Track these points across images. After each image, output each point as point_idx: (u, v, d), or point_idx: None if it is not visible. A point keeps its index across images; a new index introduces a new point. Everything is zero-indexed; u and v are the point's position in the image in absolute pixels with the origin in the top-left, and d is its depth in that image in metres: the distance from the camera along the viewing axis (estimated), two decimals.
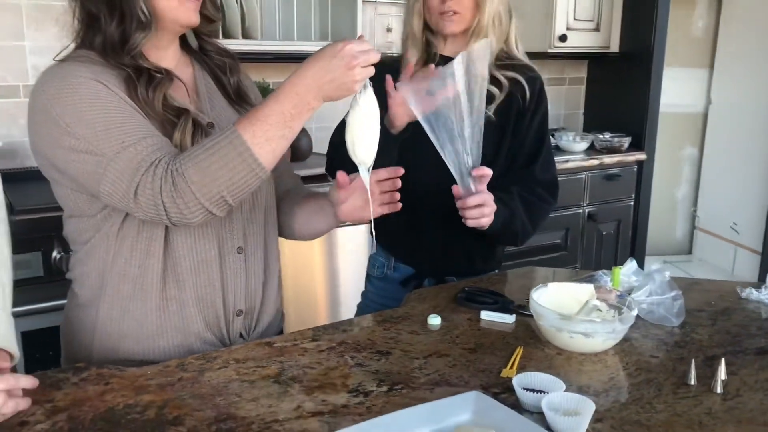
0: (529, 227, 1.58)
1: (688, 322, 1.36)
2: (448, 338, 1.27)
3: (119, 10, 1.16)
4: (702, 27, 4.33)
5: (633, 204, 3.68)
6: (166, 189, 1.08)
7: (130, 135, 1.11)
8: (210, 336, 1.27)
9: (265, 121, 1.09)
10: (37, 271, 2.11)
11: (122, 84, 1.16)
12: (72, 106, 1.11)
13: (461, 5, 1.55)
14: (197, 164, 1.08)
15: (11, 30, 2.54)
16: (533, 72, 1.63)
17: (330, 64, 1.07)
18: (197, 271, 1.24)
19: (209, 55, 1.36)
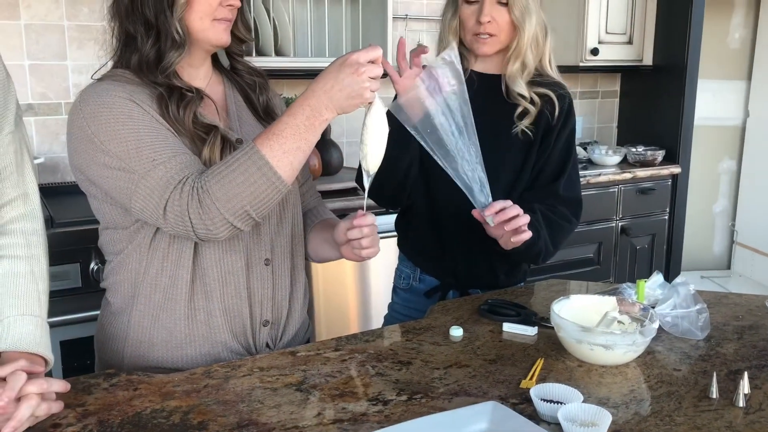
0: (551, 247, 1.57)
1: (714, 336, 1.35)
2: (469, 349, 1.28)
3: (155, 30, 1.22)
4: (738, 38, 4.28)
5: (668, 218, 3.63)
6: (192, 206, 1.13)
7: (160, 153, 1.16)
8: (236, 345, 1.31)
9: (281, 135, 1.13)
10: (75, 282, 2.17)
11: (154, 102, 1.22)
12: (106, 124, 1.17)
13: (497, 28, 1.54)
14: (220, 181, 1.13)
15: (55, 50, 2.65)
16: (563, 89, 1.63)
17: (339, 74, 1.11)
18: (224, 282, 1.28)
19: (240, 73, 1.40)
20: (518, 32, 1.55)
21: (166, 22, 1.21)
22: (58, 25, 2.64)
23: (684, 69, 3.48)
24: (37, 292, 1.13)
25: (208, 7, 1.23)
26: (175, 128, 1.22)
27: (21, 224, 1.15)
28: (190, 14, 1.23)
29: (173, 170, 1.15)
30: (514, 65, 1.57)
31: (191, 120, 1.23)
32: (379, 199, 1.67)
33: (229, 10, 1.26)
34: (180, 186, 1.14)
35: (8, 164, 1.15)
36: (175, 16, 1.21)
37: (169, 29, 1.21)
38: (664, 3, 3.59)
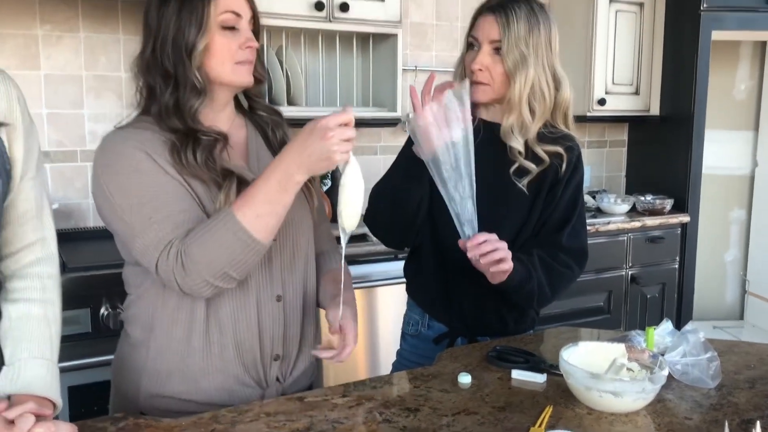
0: (548, 291, 1.55)
1: (725, 385, 1.33)
2: (477, 396, 1.27)
3: (173, 80, 1.27)
4: (744, 90, 4.32)
5: (678, 267, 3.62)
6: (177, 269, 1.20)
7: (158, 211, 1.22)
8: (248, 379, 1.33)
9: (255, 199, 1.19)
10: (85, 327, 2.18)
11: (167, 151, 1.26)
12: (115, 176, 1.24)
13: (488, 77, 1.54)
14: (200, 246, 1.19)
15: (72, 98, 2.71)
16: (572, 141, 1.61)
17: (308, 138, 1.16)
18: (236, 318, 1.31)
19: (258, 113, 1.45)
20: (511, 84, 1.53)
21: (185, 71, 1.26)
22: (76, 75, 2.71)
23: (691, 119, 3.52)
24: (50, 336, 1.15)
25: (228, 52, 1.28)
26: (188, 174, 1.26)
27: (38, 268, 1.18)
28: (210, 61, 1.28)
29: (164, 231, 1.21)
30: (508, 119, 1.55)
31: (205, 164, 1.27)
32: (388, 240, 1.69)
33: (250, 52, 1.31)
34: (167, 249, 1.21)
35: (29, 209, 1.18)
36: (193, 65, 1.25)
37: (188, 77, 1.26)
38: (670, 54, 3.65)
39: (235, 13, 1.28)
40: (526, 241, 1.60)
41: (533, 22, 1.54)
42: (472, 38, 1.58)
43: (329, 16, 2.83)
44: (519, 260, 1.48)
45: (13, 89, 1.15)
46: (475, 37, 1.57)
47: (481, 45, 1.54)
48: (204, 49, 1.26)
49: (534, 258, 1.53)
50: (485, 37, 1.54)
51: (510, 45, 1.51)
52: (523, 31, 1.52)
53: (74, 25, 2.68)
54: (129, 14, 2.76)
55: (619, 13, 3.56)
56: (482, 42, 1.54)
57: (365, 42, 3.12)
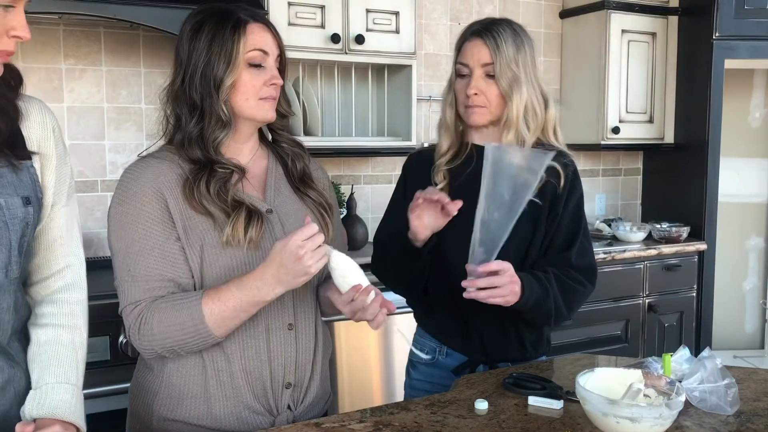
0: (564, 310, 1.56)
1: (744, 412, 1.32)
2: (494, 423, 1.27)
3: (200, 111, 1.32)
4: (759, 117, 4.32)
5: (695, 295, 3.59)
6: (133, 330, 1.28)
7: (137, 268, 1.28)
8: (258, 406, 1.34)
9: (225, 303, 1.24)
10: (104, 355, 2.20)
11: (180, 185, 1.31)
12: (119, 215, 1.31)
13: (485, 100, 1.58)
14: (161, 319, 1.26)
15: (94, 130, 2.78)
16: (566, 158, 1.64)
17: (282, 260, 1.22)
18: (244, 346, 1.33)
19: (281, 145, 1.48)
20: (507, 104, 1.58)
21: (212, 104, 1.30)
22: (98, 107, 2.78)
23: (705, 147, 3.52)
24: (76, 361, 1.18)
25: (252, 89, 1.32)
26: (198, 207, 1.30)
27: (67, 294, 1.21)
28: (236, 96, 1.32)
29: (135, 290, 1.28)
30: (507, 137, 1.59)
31: (217, 195, 1.30)
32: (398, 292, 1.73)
33: (274, 89, 1.35)
34: (131, 306, 1.28)
35: (59, 236, 1.21)
36: (221, 98, 1.29)
37: (214, 110, 1.30)
38: (683, 83, 3.67)
39: (263, 51, 1.32)
40: (536, 261, 1.61)
41: (519, 42, 1.58)
42: (461, 65, 1.61)
43: (345, 48, 2.89)
44: (536, 278, 1.49)
45: (49, 119, 1.19)
46: (464, 64, 1.60)
47: (473, 70, 1.58)
48: (231, 84, 1.30)
49: (550, 275, 1.54)
50: (476, 62, 1.58)
51: (502, 67, 1.56)
52: (511, 51, 1.57)
53: (97, 59, 2.76)
54: (149, 48, 2.83)
55: (631, 43, 3.59)
56: (473, 67, 1.58)
57: (380, 73, 3.17)
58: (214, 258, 1.30)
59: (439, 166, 1.66)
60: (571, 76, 3.82)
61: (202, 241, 1.30)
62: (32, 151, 1.16)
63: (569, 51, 3.84)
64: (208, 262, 1.30)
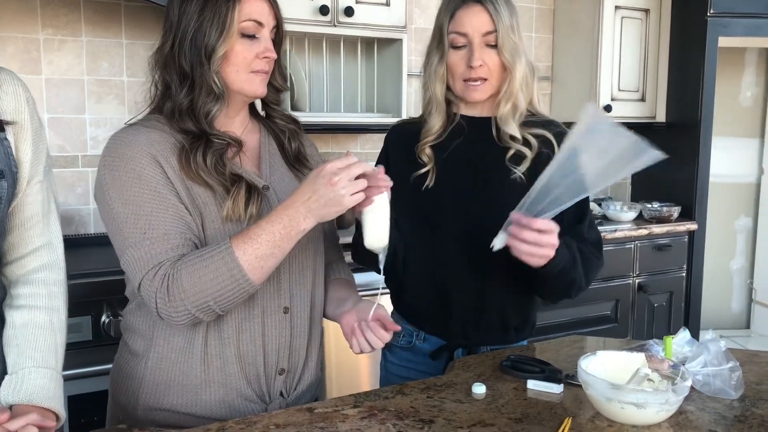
0: (584, 280, 1.49)
1: (748, 396, 1.29)
2: (493, 407, 1.23)
3: (190, 80, 1.24)
4: (750, 97, 4.30)
5: (685, 275, 3.57)
6: (161, 293, 1.16)
7: (153, 228, 1.18)
8: (250, 393, 1.28)
9: (257, 240, 1.15)
10: (86, 335, 2.14)
11: (175, 154, 1.22)
12: (118, 180, 1.20)
13: (488, 71, 1.49)
14: (191, 273, 1.15)
15: (74, 103, 2.68)
16: (559, 127, 1.57)
17: (315, 184, 1.14)
18: (240, 329, 1.26)
19: (274, 121, 1.41)
20: (509, 74, 1.49)
21: (203, 74, 1.23)
22: (78, 79, 2.68)
23: (698, 126, 3.48)
24: (55, 344, 1.11)
25: (244, 60, 1.25)
26: (196, 179, 1.22)
27: (44, 274, 1.15)
28: (226, 67, 1.25)
29: (157, 249, 1.17)
30: (505, 107, 1.51)
31: (215, 168, 1.23)
32: None
33: (266, 62, 1.28)
34: (154, 270, 1.16)
35: (35, 213, 1.14)
36: (212, 69, 1.22)
37: (205, 81, 1.23)
38: (676, 61, 3.62)
39: (258, 22, 1.25)
40: None
41: (511, 7, 1.50)
42: (456, 35, 1.49)
43: (334, 21, 2.80)
44: (566, 246, 1.41)
45: (22, 90, 1.12)
46: (462, 33, 1.48)
47: (472, 39, 1.47)
48: (223, 54, 1.23)
49: (573, 245, 1.46)
50: (476, 31, 1.47)
51: (505, 35, 1.47)
52: (508, 18, 1.48)
53: (76, 29, 2.65)
54: (131, 18, 2.73)
55: (624, 19, 3.53)
56: (473, 36, 1.47)
57: (369, 47, 3.09)
58: (215, 232, 1.23)
59: (425, 144, 1.56)
60: (563, 53, 3.77)
61: (202, 212, 1.22)
62: (5, 120, 1.09)
63: (561, 27, 3.78)
64: (209, 235, 1.22)
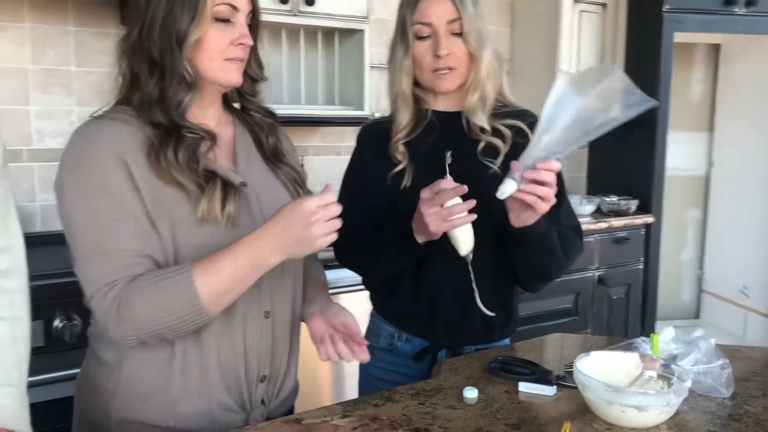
0: (563, 259, 1.45)
1: (738, 393, 1.28)
2: (488, 413, 1.18)
3: (160, 68, 1.15)
4: (700, 92, 4.38)
5: (642, 267, 3.62)
6: (111, 314, 1.09)
7: (108, 241, 1.10)
8: (230, 402, 1.21)
9: (220, 273, 1.09)
10: (38, 341, 2.00)
11: (144, 152, 1.13)
12: (77, 183, 1.11)
13: (455, 60, 1.44)
14: (145, 299, 1.08)
15: (17, 94, 2.52)
16: (532, 117, 1.52)
17: (289, 220, 1.07)
18: (220, 336, 1.19)
19: (250, 114, 1.33)
20: (476, 62, 1.45)
21: (174, 61, 1.14)
22: (21, 68, 2.52)
23: (654, 120, 3.53)
24: (18, 359, 1.01)
25: (218, 47, 1.17)
26: (166, 178, 1.13)
27: (4, 281, 1.03)
28: (199, 54, 1.16)
29: (110, 267, 1.10)
30: (473, 97, 1.47)
31: (187, 165, 1.14)
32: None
33: (242, 49, 1.20)
34: (106, 288, 1.09)
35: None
36: (184, 56, 1.13)
37: (176, 69, 1.14)
38: (632, 55, 3.65)
39: (232, 6, 1.17)
40: None
41: None
42: (420, 25, 1.44)
43: (294, 10, 2.71)
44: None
45: None
46: (425, 23, 1.43)
47: (437, 29, 1.43)
48: (195, 41, 1.14)
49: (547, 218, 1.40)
50: (440, 19, 1.43)
51: (470, 23, 1.43)
52: (472, 5, 1.44)
53: (18, 14, 2.49)
54: (79, 4, 2.58)
55: (583, 13, 3.55)
56: (438, 25, 1.43)
57: (330, 38, 3.01)
58: (188, 236, 1.14)
59: (398, 141, 1.51)
60: (522, 47, 3.76)
61: (173, 216, 1.13)
62: None
63: (520, 20, 3.77)
64: (182, 240, 1.13)
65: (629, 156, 3.74)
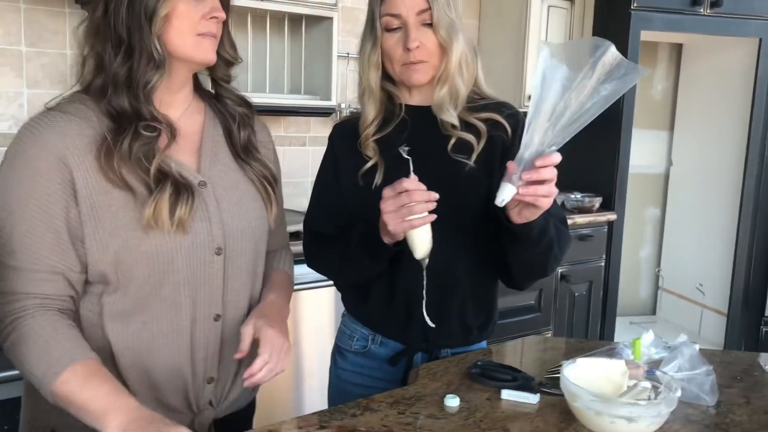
0: (558, 252, 1.39)
1: (722, 401, 1.26)
2: (471, 422, 1.13)
3: (127, 46, 1.06)
4: (661, 90, 4.42)
5: (604, 265, 3.63)
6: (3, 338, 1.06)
7: (26, 254, 1.04)
8: (176, 403, 1.16)
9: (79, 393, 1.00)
10: None
11: (93, 151, 1.05)
12: (10, 181, 1.05)
13: (426, 53, 1.38)
14: (25, 349, 1.03)
15: None
16: (510, 108, 1.46)
17: (146, 418, 0.98)
18: (168, 339, 1.13)
19: (224, 102, 1.24)
20: (446, 54, 1.38)
21: (143, 38, 1.05)
22: None
23: (620, 117, 3.54)
24: None
25: (189, 22, 1.09)
26: (114, 180, 1.05)
27: None
28: (169, 30, 1.08)
29: (16, 286, 1.05)
30: (440, 92, 1.40)
31: (138, 164, 1.06)
32: None
33: (214, 23, 1.12)
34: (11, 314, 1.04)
35: None
36: (153, 32, 1.05)
37: (145, 46, 1.06)
38: None
39: None
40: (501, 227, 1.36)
41: None
42: (389, 17, 1.37)
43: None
44: None
45: None
46: (394, 14, 1.37)
47: (407, 20, 1.36)
48: (165, 16, 1.06)
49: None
50: (409, 10, 1.36)
51: (440, 13, 1.36)
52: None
53: None
54: None
55: (551, 8, 3.52)
56: (407, 17, 1.36)
57: (297, 24, 2.91)
58: (135, 243, 1.06)
59: (367, 137, 1.44)
60: (490, 41, 3.72)
61: (117, 222, 1.05)
62: None
63: (488, 14, 3.73)
64: (127, 248, 1.06)
65: (593, 153, 3.74)
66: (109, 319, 1.10)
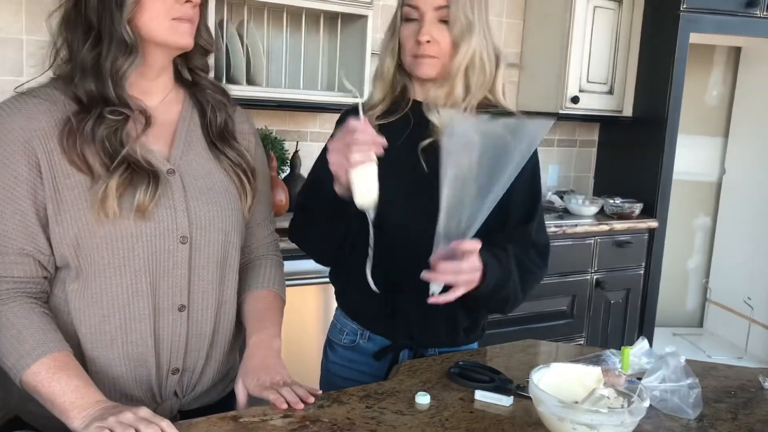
0: (521, 295, 1.39)
1: (706, 415, 1.22)
2: (436, 421, 1.13)
3: (96, 32, 1.09)
4: (717, 96, 4.26)
5: (643, 273, 3.53)
6: None
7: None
8: (139, 393, 1.18)
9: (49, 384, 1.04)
10: None
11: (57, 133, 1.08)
12: None
13: (438, 49, 1.37)
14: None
15: None
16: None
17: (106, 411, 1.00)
18: (127, 330, 1.14)
19: (201, 90, 1.26)
20: (455, 54, 1.37)
21: (112, 24, 1.07)
22: None
23: (664, 122, 3.43)
24: None
25: (162, 5, 1.10)
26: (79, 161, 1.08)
27: None
28: (141, 15, 1.09)
29: None
30: (437, 90, 1.39)
31: (102, 147, 1.09)
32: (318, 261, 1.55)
33: (190, 7, 1.13)
34: None
35: None
36: (123, 17, 1.07)
37: (115, 31, 1.08)
38: (646, 55, 3.55)
39: None
40: (492, 234, 1.34)
41: None
42: (409, 8, 1.38)
43: None
44: (497, 259, 1.30)
45: None
46: (414, 6, 1.37)
47: (424, 14, 1.36)
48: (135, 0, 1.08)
49: (510, 256, 1.35)
50: (428, 5, 1.36)
51: (457, 11, 1.35)
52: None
53: None
54: None
55: (597, 9, 3.45)
56: (425, 10, 1.36)
57: (333, 22, 2.94)
58: (94, 227, 1.08)
59: (370, 119, 1.41)
60: (533, 41, 3.67)
61: (78, 205, 1.08)
62: None
63: (533, 14, 3.68)
64: (87, 232, 1.08)
65: (636, 158, 3.65)
66: (74, 307, 1.13)
